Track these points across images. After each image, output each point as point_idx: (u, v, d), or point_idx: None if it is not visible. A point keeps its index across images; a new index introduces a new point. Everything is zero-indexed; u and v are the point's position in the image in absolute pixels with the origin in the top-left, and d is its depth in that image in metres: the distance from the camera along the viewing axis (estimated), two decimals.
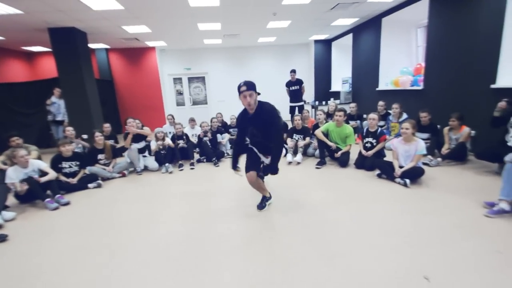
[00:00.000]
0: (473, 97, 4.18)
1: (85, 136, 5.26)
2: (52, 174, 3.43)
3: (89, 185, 3.80)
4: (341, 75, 8.79)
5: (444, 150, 4.01)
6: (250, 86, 2.37)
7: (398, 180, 3.27)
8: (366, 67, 7.22)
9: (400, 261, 1.85)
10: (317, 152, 4.52)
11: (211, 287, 1.73)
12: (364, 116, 5.50)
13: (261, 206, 2.79)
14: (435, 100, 4.94)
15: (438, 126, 4.45)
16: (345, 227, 2.37)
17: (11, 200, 3.32)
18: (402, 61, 6.34)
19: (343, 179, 3.64)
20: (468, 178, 3.36)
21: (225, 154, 5.19)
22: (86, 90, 6.14)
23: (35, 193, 3.21)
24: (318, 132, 4.34)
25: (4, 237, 2.54)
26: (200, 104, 10.08)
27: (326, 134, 4.40)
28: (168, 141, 4.81)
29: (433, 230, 2.23)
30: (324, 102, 8.05)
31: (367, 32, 7.03)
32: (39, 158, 4.03)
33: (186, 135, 5.11)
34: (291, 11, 5.81)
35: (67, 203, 3.29)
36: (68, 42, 5.89)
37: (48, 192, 3.34)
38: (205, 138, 5.02)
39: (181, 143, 4.93)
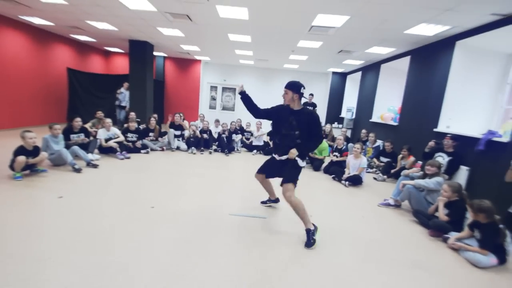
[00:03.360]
0: (423, 136, 5.48)
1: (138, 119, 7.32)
2: (121, 138, 5.41)
3: (142, 151, 5.74)
4: (351, 104, 10.19)
5: (393, 171, 5.35)
6: (287, 85, 2.66)
7: (343, 182, 4.72)
8: (366, 101, 8.62)
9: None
10: None
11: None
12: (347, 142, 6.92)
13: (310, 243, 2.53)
14: (404, 134, 6.25)
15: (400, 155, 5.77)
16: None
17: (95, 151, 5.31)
18: (392, 100, 7.67)
19: (312, 178, 5.15)
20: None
21: (235, 149, 6.92)
22: (146, 87, 8.30)
23: (112, 148, 5.18)
24: None
25: (96, 165, 4.46)
26: (228, 110, 12.03)
27: None
28: (197, 132, 6.65)
29: (337, 205, 3.71)
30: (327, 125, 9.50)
31: (370, 73, 8.47)
32: None
33: (210, 131, 6.93)
34: (306, 51, 7.49)
35: (128, 158, 5.23)
36: (141, 50, 8.12)
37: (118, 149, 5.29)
38: (223, 135, 6.79)
39: (205, 135, 6.75)
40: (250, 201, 3.54)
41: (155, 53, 9.97)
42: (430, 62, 5.52)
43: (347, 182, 4.64)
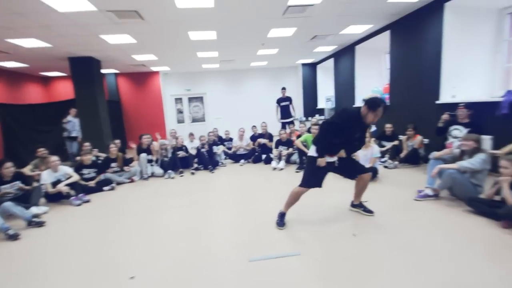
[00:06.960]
0: (424, 111, 5.03)
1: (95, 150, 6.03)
2: (75, 177, 4.18)
3: (104, 188, 4.54)
4: (326, 94, 9.74)
5: (402, 155, 4.80)
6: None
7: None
8: (345, 86, 8.17)
9: (334, 222, 2.59)
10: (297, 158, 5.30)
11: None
12: None
13: (281, 223, 2.69)
14: (398, 115, 5.78)
15: (400, 136, 5.25)
16: (310, 205, 3.10)
17: (41, 200, 4.03)
18: (374, 81, 7.27)
19: None
20: (415, 176, 4.12)
21: (220, 163, 5.96)
22: (98, 110, 7.01)
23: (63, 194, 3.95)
24: (297, 142, 5.13)
25: (42, 223, 3.24)
26: (198, 121, 10.96)
27: (305, 145, 5.19)
28: (168, 151, 5.58)
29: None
30: (310, 118, 8.93)
31: (344, 57, 8.04)
32: None
33: (185, 147, 5.90)
34: (277, 42, 6.80)
35: (87, 201, 4.02)
36: (85, 68, 6.83)
37: (72, 192, 4.06)
38: (202, 149, 5.81)
39: (181, 153, 5.70)
40: (267, 231, 2.65)
41: (103, 71, 8.64)
42: (417, 32, 5.10)
43: None
